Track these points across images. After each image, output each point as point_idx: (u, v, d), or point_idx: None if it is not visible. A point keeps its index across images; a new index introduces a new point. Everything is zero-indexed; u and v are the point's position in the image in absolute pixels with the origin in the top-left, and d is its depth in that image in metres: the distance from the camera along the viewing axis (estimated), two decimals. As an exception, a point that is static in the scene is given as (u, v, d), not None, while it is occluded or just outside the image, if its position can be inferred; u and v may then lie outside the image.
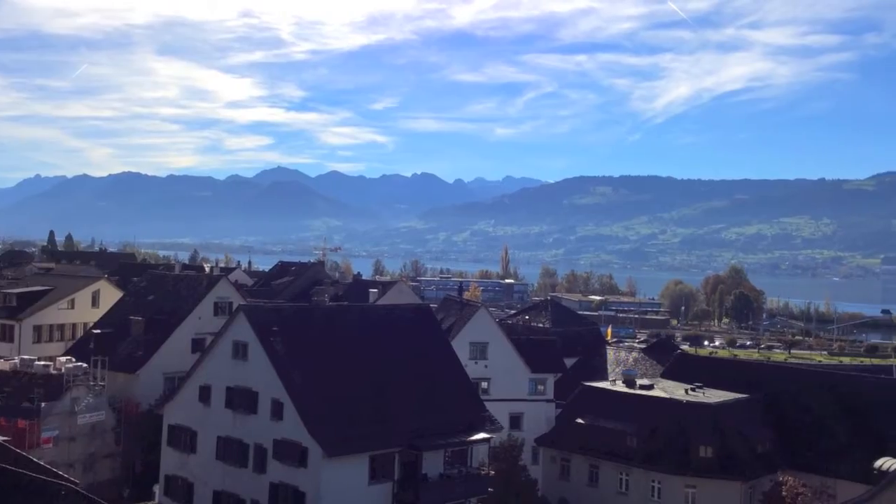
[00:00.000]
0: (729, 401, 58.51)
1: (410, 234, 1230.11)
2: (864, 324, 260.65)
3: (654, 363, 72.42)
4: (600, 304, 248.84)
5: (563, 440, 61.41)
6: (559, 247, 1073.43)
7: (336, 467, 42.46)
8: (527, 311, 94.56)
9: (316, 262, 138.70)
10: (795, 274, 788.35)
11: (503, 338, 66.47)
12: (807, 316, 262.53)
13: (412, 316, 54.86)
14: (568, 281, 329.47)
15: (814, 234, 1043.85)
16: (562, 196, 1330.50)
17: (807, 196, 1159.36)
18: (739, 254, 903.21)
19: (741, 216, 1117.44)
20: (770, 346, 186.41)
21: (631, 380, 63.48)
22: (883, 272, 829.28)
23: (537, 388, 66.57)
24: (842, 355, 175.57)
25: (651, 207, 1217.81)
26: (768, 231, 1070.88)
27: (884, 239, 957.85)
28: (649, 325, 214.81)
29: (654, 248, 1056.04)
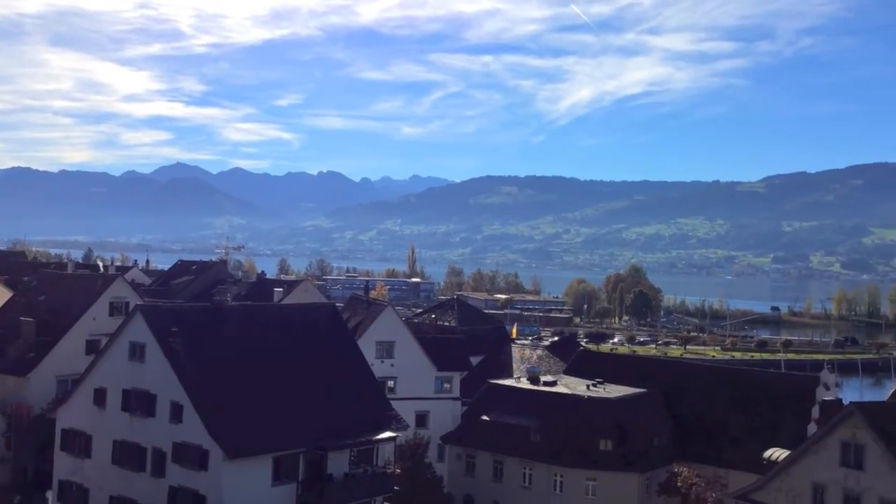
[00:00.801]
0: (628, 395, 60.17)
1: (316, 232, 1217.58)
2: (754, 320, 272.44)
3: (558, 360, 73.81)
4: (506, 302, 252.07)
5: (469, 437, 61.94)
6: (466, 246, 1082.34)
7: (238, 469, 41.65)
8: (433, 310, 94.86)
9: (218, 261, 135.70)
10: (691, 272, 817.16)
11: (410, 336, 66.53)
12: (701, 313, 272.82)
13: (317, 315, 54.30)
14: (474, 280, 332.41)
15: (708, 235, 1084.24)
16: (468, 195, 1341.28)
17: (702, 197, 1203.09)
18: (639, 253, 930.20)
19: (641, 217, 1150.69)
20: (667, 342, 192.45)
21: (535, 377, 64.48)
22: (772, 271, 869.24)
23: (443, 386, 66.90)
24: (734, 350, 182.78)
25: (555, 207, 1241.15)
26: (666, 231, 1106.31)
27: (773, 239, 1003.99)
28: (553, 322, 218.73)
29: (558, 247, 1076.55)
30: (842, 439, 45.48)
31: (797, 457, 47.89)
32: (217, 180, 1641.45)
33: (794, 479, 47.53)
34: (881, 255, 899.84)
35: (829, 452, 46.07)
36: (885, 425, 44.99)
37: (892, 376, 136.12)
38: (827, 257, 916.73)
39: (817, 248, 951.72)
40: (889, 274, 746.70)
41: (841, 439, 45.52)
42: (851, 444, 45.01)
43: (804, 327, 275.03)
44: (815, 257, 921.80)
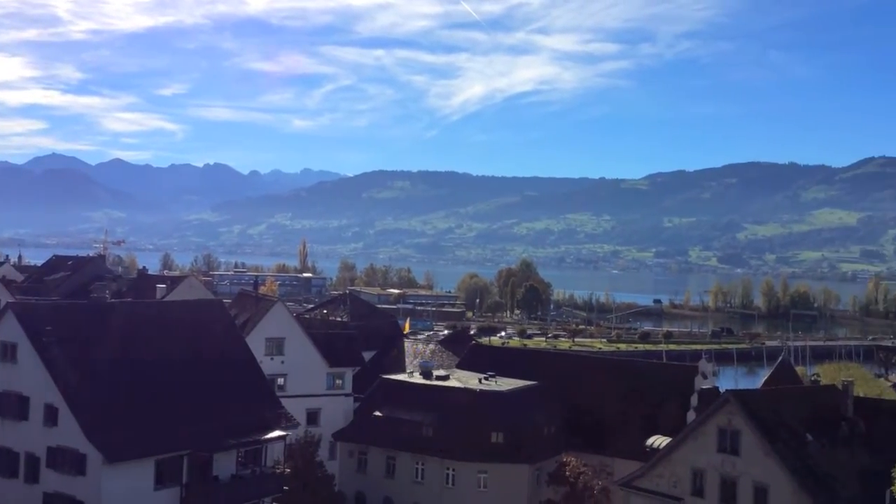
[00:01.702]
0: (519, 388, 61.01)
1: (202, 226, 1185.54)
2: (638, 313, 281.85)
3: (451, 354, 74.14)
4: (399, 297, 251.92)
5: (361, 434, 61.49)
6: (358, 241, 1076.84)
7: (118, 473, 39.94)
8: (325, 306, 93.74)
9: (96, 256, 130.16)
10: (579, 267, 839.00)
11: (300, 333, 65.35)
12: (589, 306, 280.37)
13: (203, 312, 52.67)
14: (367, 275, 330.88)
15: (595, 230, 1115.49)
16: (361, 190, 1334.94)
17: (589, 194, 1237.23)
18: (529, 248, 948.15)
19: (531, 212, 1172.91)
20: (556, 335, 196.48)
21: (428, 371, 64.57)
22: (654, 265, 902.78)
23: (335, 382, 66.03)
24: (619, 342, 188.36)
25: (448, 202, 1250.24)
26: (555, 226, 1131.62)
27: (655, 234, 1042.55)
28: (446, 317, 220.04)
29: (450, 242, 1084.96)
30: (719, 426, 47.45)
31: (677, 443, 49.69)
32: (96, 172, 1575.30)
33: (674, 465, 49.30)
34: (754, 249, 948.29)
35: (707, 439, 47.98)
36: (759, 412, 47.22)
37: (765, 365, 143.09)
38: (704, 252, 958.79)
39: (695, 243, 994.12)
40: (761, 268, 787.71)
41: (718, 426, 47.48)
42: (728, 430, 47.00)
43: (684, 319, 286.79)
44: (694, 252, 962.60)
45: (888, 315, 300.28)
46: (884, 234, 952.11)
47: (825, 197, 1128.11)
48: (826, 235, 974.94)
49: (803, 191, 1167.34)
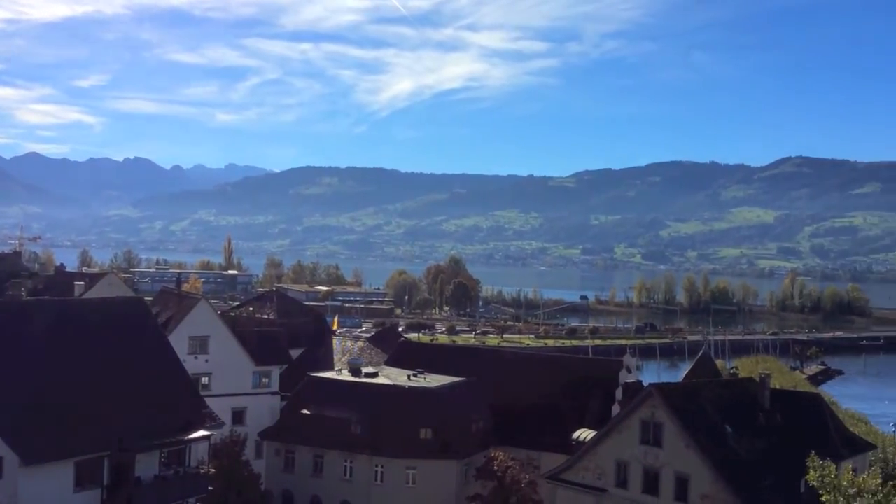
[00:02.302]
0: (448, 384, 61.29)
1: (122, 222, 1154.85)
2: (565, 309, 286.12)
3: (380, 351, 73.97)
4: (327, 294, 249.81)
5: (288, 432, 60.88)
6: (285, 237, 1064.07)
7: (36, 476, 38.58)
8: (251, 303, 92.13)
9: (10, 253, 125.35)
10: (507, 263, 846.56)
11: (225, 331, 64.26)
12: (517, 302, 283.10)
13: (123, 310, 51.22)
14: (294, 272, 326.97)
15: (523, 227, 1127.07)
16: (288, 186, 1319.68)
17: (517, 191, 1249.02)
18: (458, 244, 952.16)
19: (460, 209, 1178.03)
20: (485, 332, 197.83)
21: (356, 368, 64.31)
22: (581, 262, 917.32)
23: (262, 381, 65.20)
24: (547, 338, 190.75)
25: (376, 199, 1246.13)
26: (484, 223, 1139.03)
27: (582, 231, 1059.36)
28: (375, 314, 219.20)
29: (379, 238, 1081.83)
30: (642, 419, 48.51)
31: (602, 437, 50.62)
32: (10, 165, 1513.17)
33: (599, 457, 50.23)
34: (676, 247, 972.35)
35: (630, 431, 49.00)
36: (680, 405, 48.44)
37: (686, 359, 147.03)
38: (629, 249, 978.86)
39: (621, 240, 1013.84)
40: (683, 264, 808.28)
41: (641, 418, 48.54)
42: (651, 422, 48.10)
43: (609, 315, 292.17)
44: (619, 249, 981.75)
45: (803, 310, 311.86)
46: (799, 232, 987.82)
47: (744, 195, 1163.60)
48: (745, 233, 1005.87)
49: (723, 189, 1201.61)
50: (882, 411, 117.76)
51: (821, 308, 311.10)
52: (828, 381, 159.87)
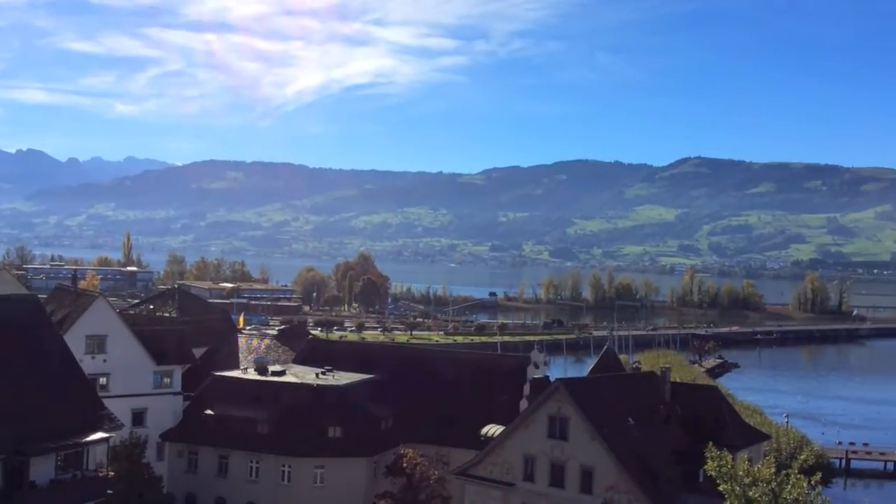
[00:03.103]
0: (357, 382, 60.89)
1: (14, 217, 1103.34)
2: (474, 305, 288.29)
3: (287, 349, 72.81)
4: (232, 291, 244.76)
5: (191, 433, 59.44)
6: (188, 233, 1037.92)
7: (-84, 486, 36.42)
8: (152, 301, 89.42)
9: None
10: (417, 260, 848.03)
11: (124, 329, 62.04)
12: (427, 299, 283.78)
13: (15, 308, 48.76)
14: (198, 268, 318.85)
15: (433, 224, 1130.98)
16: (191, 180, 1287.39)
17: (427, 188, 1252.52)
18: (367, 241, 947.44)
19: (369, 205, 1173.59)
20: (394, 329, 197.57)
21: (263, 367, 63.23)
22: (490, 258, 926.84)
23: (163, 381, 63.21)
24: (456, 334, 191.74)
25: (283, 194, 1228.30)
26: (393, 220, 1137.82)
27: (491, 229, 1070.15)
28: (282, 311, 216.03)
29: (286, 234, 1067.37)
30: (549, 413, 49.30)
31: (510, 432, 51.20)
32: None
33: (507, 452, 50.80)
34: (582, 244, 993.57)
35: (537, 426, 49.73)
36: (586, 399, 49.44)
37: (592, 354, 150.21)
38: (537, 246, 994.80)
39: (529, 237, 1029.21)
40: (589, 261, 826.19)
41: (548, 413, 49.33)
42: (557, 417, 48.93)
43: (518, 311, 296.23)
44: (527, 246, 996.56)
45: (702, 305, 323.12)
46: (698, 230, 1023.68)
47: (647, 194, 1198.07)
48: (647, 231, 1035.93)
49: (627, 188, 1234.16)
50: (775, 402, 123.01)
51: (718, 304, 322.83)
52: (725, 374, 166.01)
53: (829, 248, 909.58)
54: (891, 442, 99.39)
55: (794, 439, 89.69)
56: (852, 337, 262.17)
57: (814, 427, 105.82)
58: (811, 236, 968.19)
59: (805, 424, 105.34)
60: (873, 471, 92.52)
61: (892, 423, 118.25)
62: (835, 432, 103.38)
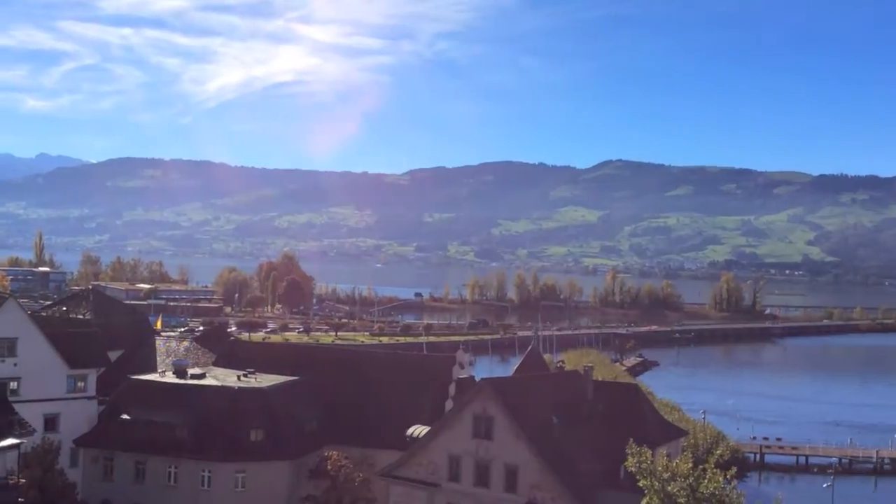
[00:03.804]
0: (279, 384, 59.97)
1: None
2: (399, 306, 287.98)
3: (207, 352, 71.24)
4: (150, 292, 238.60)
5: (107, 438, 57.68)
6: (103, 232, 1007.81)
7: None
8: (65, 302, 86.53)
9: None
10: (342, 260, 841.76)
11: (35, 332, 59.77)
12: (352, 300, 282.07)
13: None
14: (114, 269, 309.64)
15: (358, 224, 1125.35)
16: (106, 178, 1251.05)
17: (352, 188, 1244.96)
18: (291, 241, 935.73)
19: (293, 205, 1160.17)
20: (319, 330, 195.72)
21: (182, 370, 61.78)
22: (416, 259, 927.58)
23: (77, 384, 61.09)
24: (381, 335, 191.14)
25: (204, 193, 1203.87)
26: (318, 220, 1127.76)
27: (417, 229, 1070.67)
28: (202, 313, 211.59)
29: (207, 234, 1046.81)
30: (474, 413, 49.47)
31: (435, 432, 51.19)
32: None
33: (432, 452, 50.78)
34: (508, 244, 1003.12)
35: (463, 426, 49.86)
36: (510, 398, 49.76)
37: (517, 353, 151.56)
38: (462, 247, 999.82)
39: (454, 237, 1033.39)
40: (514, 262, 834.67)
41: (473, 413, 49.49)
42: (482, 416, 49.13)
43: (443, 311, 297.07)
44: (453, 247, 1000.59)
45: (623, 305, 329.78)
46: (620, 231, 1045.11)
47: (570, 196, 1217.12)
48: (571, 232, 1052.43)
49: (551, 190, 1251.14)
50: (693, 399, 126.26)
51: (639, 304, 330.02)
52: (645, 373, 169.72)
53: (743, 250, 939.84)
54: (802, 437, 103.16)
55: (710, 435, 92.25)
56: (765, 336, 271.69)
57: (729, 423, 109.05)
58: (726, 238, 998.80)
59: (721, 420, 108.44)
60: (786, 465, 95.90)
61: (803, 418, 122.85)
62: (749, 428, 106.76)
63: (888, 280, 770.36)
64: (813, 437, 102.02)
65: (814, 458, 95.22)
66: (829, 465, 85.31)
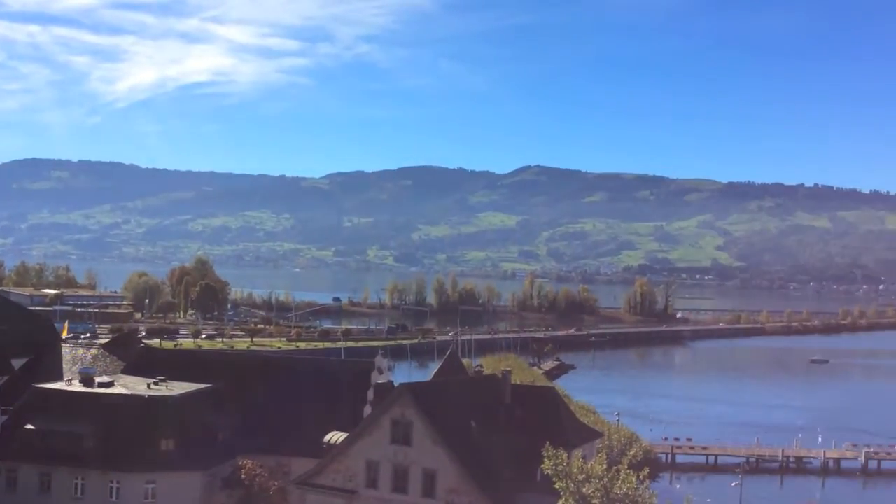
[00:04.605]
0: (192, 392, 58.48)
1: None
2: (317, 311, 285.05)
3: (116, 359, 68.96)
4: (56, 298, 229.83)
5: (10, 450, 55.14)
6: (7, 236, 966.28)
7: None
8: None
9: None
10: (259, 265, 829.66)
11: (-69, 340, 56.92)
12: (269, 305, 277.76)
13: None
14: (17, 273, 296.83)
15: (275, 228, 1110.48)
16: (10, 179, 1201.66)
17: (269, 191, 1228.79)
18: (206, 245, 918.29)
19: (207, 208, 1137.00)
20: (234, 336, 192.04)
21: (89, 378, 59.60)
22: (334, 263, 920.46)
23: (-24, 394, 58.43)
24: (299, 341, 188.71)
25: (113, 195, 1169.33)
26: (233, 223, 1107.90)
27: (335, 233, 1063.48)
28: (111, 319, 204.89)
29: (116, 238, 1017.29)
30: (392, 418, 49.17)
31: (353, 438, 50.70)
32: None
33: (350, 459, 50.25)
34: (427, 249, 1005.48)
35: (381, 431, 49.50)
36: (429, 403, 49.67)
37: (436, 358, 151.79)
38: (382, 251, 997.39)
39: (373, 242, 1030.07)
40: (433, 266, 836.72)
41: (392, 418, 49.18)
42: (401, 422, 48.87)
43: (362, 316, 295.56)
44: (372, 251, 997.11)
45: (541, 309, 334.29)
46: (538, 236, 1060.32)
47: (489, 201, 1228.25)
48: (490, 237, 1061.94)
49: (470, 195, 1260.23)
50: (608, 402, 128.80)
51: (556, 308, 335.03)
52: (562, 376, 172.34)
53: (656, 255, 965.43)
54: (712, 437, 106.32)
55: (624, 436, 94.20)
56: (676, 338, 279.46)
57: (642, 424, 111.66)
58: (640, 243, 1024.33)
59: (634, 422, 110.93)
60: (696, 464, 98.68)
61: (712, 419, 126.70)
62: (662, 429, 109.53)
63: (793, 284, 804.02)
64: (722, 438, 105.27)
65: (723, 458, 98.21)
66: (737, 465, 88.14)
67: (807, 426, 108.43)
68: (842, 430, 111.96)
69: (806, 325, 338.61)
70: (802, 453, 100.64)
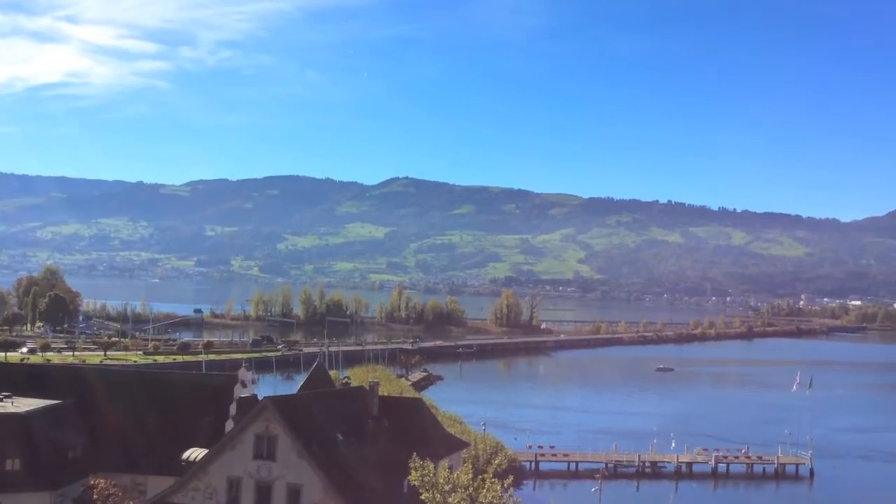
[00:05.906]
0: (39, 408, 55.07)
1: None
2: (177, 323, 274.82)
3: (-48, 374, 64.02)
4: None
5: None
6: None
7: None
8: None
9: None
10: (113, 275, 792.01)
11: None
12: (124, 317, 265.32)
13: None
14: None
15: (132, 236, 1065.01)
16: None
17: (125, 198, 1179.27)
18: (55, 254, 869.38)
19: (57, 215, 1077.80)
20: (86, 349, 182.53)
21: (-80, 395, 54.97)
22: (196, 274, 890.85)
23: None
24: (157, 354, 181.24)
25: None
26: (86, 231, 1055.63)
27: (197, 242, 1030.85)
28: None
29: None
30: (256, 433, 47.86)
31: (214, 454, 48.98)
32: None
33: (210, 476, 48.51)
34: (293, 260, 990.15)
35: (244, 446, 48.07)
36: (294, 416, 48.67)
37: (302, 370, 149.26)
38: (246, 261, 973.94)
39: (238, 252, 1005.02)
40: (300, 277, 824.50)
41: (255, 433, 47.87)
42: (265, 436, 47.63)
43: (225, 328, 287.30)
44: (236, 261, 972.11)
45: (409, 321, 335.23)
46: (406, 248, 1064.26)
47: (357, 212, 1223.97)
48: (358, 248, 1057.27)
49: (338, 205, 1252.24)
50: (474, 412, 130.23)
51: (424, 319, 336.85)
52: (430, 387, 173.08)
53: (521, 267, 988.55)
54: (573, 444, 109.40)
55: (489, 446, 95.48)
56: (540, 349, 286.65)
57: (508, 433, 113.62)
58: (506, 255, 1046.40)
59: (500, 431, 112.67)
60: (558, 471, 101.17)
61: (574, 427, 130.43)
62: (526, 437, 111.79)
63: (648, 296, 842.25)
64: (582, 444, 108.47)
65: (583, 464, 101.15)
66: (596, 470, 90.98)
67: (661, 432, 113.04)
68: (693, 436, 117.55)
69: (660, 335, 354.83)
70: (657, 458, 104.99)
